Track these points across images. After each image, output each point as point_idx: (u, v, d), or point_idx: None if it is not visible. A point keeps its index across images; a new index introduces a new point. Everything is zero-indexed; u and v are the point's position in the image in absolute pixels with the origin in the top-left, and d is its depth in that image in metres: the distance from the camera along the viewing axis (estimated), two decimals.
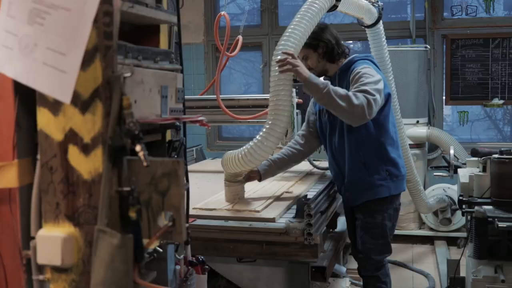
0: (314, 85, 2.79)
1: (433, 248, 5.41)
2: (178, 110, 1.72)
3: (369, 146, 3.05)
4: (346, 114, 2.82)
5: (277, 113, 2.80)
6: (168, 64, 1.71)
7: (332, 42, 3.09)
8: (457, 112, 6.22)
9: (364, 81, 2.87)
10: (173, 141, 1.83)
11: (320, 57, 3.11)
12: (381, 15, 3.62)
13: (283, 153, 3.30)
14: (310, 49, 3.09)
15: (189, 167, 4.47)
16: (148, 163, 1.10)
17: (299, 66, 2.76)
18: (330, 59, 3.13)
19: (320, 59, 3.11)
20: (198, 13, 6.67)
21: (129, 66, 1.24)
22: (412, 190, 4.33)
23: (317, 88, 2.78)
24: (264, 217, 2.77)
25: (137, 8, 1.56)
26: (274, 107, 2.81)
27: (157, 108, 1.58)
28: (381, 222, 3.12)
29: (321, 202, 2.94)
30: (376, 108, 2.84)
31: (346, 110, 2.78)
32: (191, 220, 2.79)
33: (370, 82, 2.86)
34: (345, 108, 2.77)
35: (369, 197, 3.10)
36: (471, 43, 5.86)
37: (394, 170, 3.11)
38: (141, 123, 1.42)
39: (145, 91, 1.51)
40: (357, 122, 2.89)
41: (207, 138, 6.79)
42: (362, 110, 2.77)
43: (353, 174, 3.11)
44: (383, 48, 3.73)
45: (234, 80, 7.47)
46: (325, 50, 3.10)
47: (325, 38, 3.08)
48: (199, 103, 4.71)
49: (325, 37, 3.08)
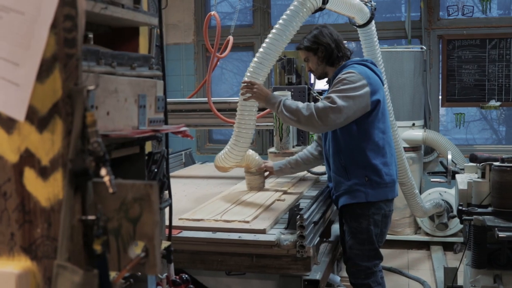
0: (270, 105, 3.02)
1: (429, 253, 5.29)
2: (158, 121, 1.58)
3: (348, 150, 3.04)
4: (300, 126, 3.07)
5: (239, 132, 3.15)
6: (147, 70, 1.57)
7: (331, 45, 3.09)
8: (453, 114, 6.09)
9: (338, 87, 2.93)
10: (154, 153, 1.69)
11: (320, 61, 3.14)
12: (373, 15, 3.51)
13: (299, 156, 3.49)
14: (310, 52, 3.14)
15: (177, 172, 4.45)
16: (114, 189, 0.96)
17: (256, 93, 2.98)
18: (330, 63, 3.14)
19: (320, 62, 3.14)
20: (188, 12, 6.52)
21: (95, 75, 1.09)
22: (407, 194, 4.22)
23: (273, 107, 3.01)
24: (254, 229, 2.65)
25: (112, 10, 1.42)
26: (237, 127, 3.17)
27: (133, 119, 1.44)
28: (366, 227, 3.05)
29: (314, 212, 2.81)
30: (338, 115, 2.86)
31: (298, 123, 2.96)
32: (177, 232, 2.66)
33: (343, 89, 2.91)
34: (296, 122, 2.95)
35: (346, 200, 3.08)
36: (468, 44, 5.76)
37: (375, 177, 3.03)
38: (114, 138, 1.28)
39: (120, 101, 1.37)
40: (315, 131, 3.19)
41: (197, 141, 6.64)
42: (311, 120, 2.87)
43: (335, 177, 3.14)
44: (375, 48, 3.62)
45: (226, 80, 7.33)
46: (324, 54, 3.11)
47: (324, 42, 3.10)
48: (188, 106, 4.60)
49: (324, 41, 3.10)
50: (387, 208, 3.10)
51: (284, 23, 3.02)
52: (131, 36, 1.70)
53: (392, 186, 3.12)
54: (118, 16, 1.45)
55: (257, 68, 3.05)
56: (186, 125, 4.54)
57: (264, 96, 2.99)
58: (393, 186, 3.13)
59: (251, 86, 2.99)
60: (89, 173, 0.95)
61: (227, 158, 3.20)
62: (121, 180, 1.01)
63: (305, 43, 3.14)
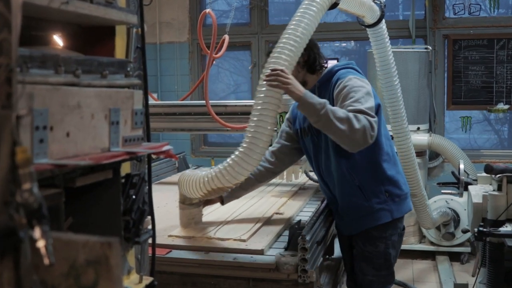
0: (309, 105, 2.40)
1: (434, 264, 5.04)
2: (135, 139, 1.32)
3: (362, 167, 2.67)
4: (346, 139, 2.43)
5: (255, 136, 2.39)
6: (122, 79, 1.31)
7: (314, 51, 2.74)
8: (455, 116, 5.84)
9: (355, 97, 2.50)
10: (132, 176, 1.43)
11: (300, 67, 2.71)
12: (383, 13, 3.24)
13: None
14: None
15: (169, 179, 4.18)
16: (52, 260, 0.70)
17: (291, 83, 2.37)
18: (311, 70, 2.76)
19: (300, 69, 2.72)
20: (182, 10, 6.26)
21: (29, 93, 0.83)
22: (418, 206, 3.98)
23: (313, 108, 2.39)
24: (251, 249, 2.40)
25: (76, 5, 1.16)
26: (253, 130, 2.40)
27: (103, 139, 1.18)
28: (384, 251, 2.74)
29: (317, 229, 2.56)
30: (376, 131, 2.46)
31: (347, 135, 2.39)
32: (166, 252, 2.41)
33: (360, 98, 2.49)
34: (345, 133, 2.39)
35: (368, 224, 2.72)
36: (475, 44, 5.51)
37: (395, 190, 2.73)
38: (72, 168, 1.02)
39: (84, 118, 1.11)
40: (357, 148, 2.49)
41: (192, 143, 6.38)
42: (364, 134, 2.39)
43: (347, 200, 2.75)
44: (386, 49, 3.35)
45: (222, 80, 7.09)
46: (306, 59, 2.73)
47: (307, 47, 2.64)
48: (182, 109, 4.34)
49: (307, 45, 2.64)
50: (401, 226, 2.83)
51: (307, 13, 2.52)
52: (106, 37, 1.44)
53: (409, 196, 2.88)
54: (85, 13, 1.19)
55: (287, 55, 2.43)
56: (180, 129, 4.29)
57: (300, 91, 2.41)
58: (409, 196, 2.88)
59: (282, 75, 2.37)
60: (18, 233, 0.69)
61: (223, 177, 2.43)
62: (70, 235, 0.76)
63: None
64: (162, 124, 4.39)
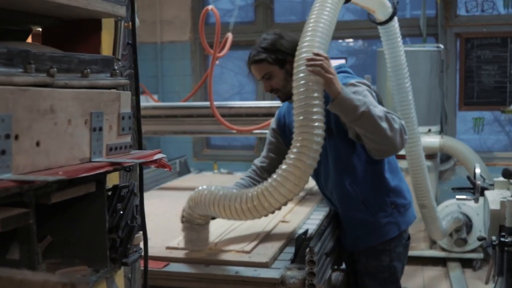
0: (348, 101, 2.10)
1: (446, 271, 4.86)
2: (122, 146, 1.16)
3: (365, 180, 2.46)
4: (386, 140, 2.17)
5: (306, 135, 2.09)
6: (106, 78, 1.15)
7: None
8: (471, 118, 5.66)
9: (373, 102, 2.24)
10: (120, 188, 1.27)
11: (289, 75, 2.32)
12: (396, 9, 3.07)
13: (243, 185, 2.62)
14: (275, 66, 2.41)
15: (169, 184, 4.02)
16: None
17: (334, 75, 2.11)
18: None
19: (289, 77, 2.31)
20: (184, 8, 6.12)
21: None
22: (428, 217, 3.82)
23: (352, 105, 2.10)
24: (255, 262, 2.24)
25: None
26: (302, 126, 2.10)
27: (82, 149, 1.02)
28: (389, 265, 2.55)
29: (327, 240, 2.39)
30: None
31: (388, 135, 2.14)
32: (163, 265, 2.25)
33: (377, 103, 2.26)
34: (386, 133, 2.13)
35: (375, 241, 2.52)
36: (488, 43, 5.34)
37: (400, 200, 2.54)
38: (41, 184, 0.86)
39: (59, 125, 0.95)
40: (391, 153, 2.29)
41: (194, 146, 6.22)
42: (401, 136, 2.19)
43: (350, 215, 2.53)
44: (399, 49, 3.19)
45: (226, 80, 6.92)
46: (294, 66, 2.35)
47: (292, 50, 2.34)
48: (184, 111, 4.19)
49: (291, 49, 2.35)
50: (406, 236, 2.64)
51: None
52: (91, 32, 1.28)
53: (413, 203, 2.70)
54: (62, 3, 1.03)
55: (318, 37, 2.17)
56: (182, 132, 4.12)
57: (340, 85, 2.12)
58: (413, 203, 2.71)
59: (327, 62, 2.10)
60: None
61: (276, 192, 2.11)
62: (25, 273, 0.59)
63: (264, 53, 2.40)
64: (162, 127, 4.25)
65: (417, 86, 4.76)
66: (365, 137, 2.22)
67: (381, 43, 3.36)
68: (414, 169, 3.62)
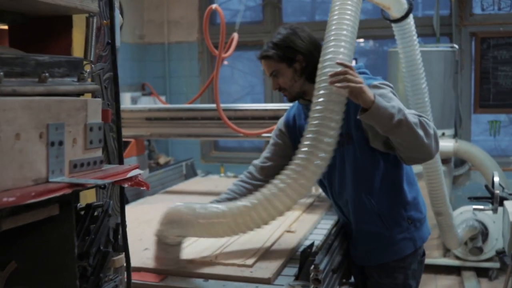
0: (383, 110, 1.94)
1: (460, 280, 4.68)
2: (90, 162, 1.00)
3: (383, 191, 2.30)
4: (422, 148, 2.03)
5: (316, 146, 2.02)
6: (72, 83, 0.99)
7: (315, 55, 2.22)
8: (487, 121, 5.46)
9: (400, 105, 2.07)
10: (94, 207, 1.12)
11: (297, 75, 2.27)
12: (412, 6, 2.91)
13: (234, 191, 2.49)
14: (283, 64, 2.27)
15: (175, 187, 3.89)
16: None
17: (363, 83, 1.96)
18: (311, 78, 2.22)
19: (297, 77, 2.27)
20: (191, 8, 6.01)
21: None
22: (444, 225, 3.65)
23: (387, 114, 1.94)
24: (257, 277, 2.09)
25: None
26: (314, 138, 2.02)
27: (36, 167, 0.87)
28: (403, 283, 2.39)
29: (334, 254, 2.24)
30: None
31: (424, 142, 2.01)
32: (160, 278, 2.11)
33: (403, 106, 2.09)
34: (423, 140, 2.00)
35: (389, 258, 2.37)
36: (505, 43, 5.15)
37: (416, 214, 2.38)
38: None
39: (3, 140, 0.80)
40: (423, 161, 2.19)
41: (201, 148, 6.09)
42: (436, 143, 2.08)
43: (364, 228, 2.38)
44: (414, 48, 3.04)
45: (236, 81, 6.78)
46: (304, 65, 2.27)
47: (303, 48, 2.24)
48: (189, 113, 4.07)
49: (303, 47, 2.25)
50: (421, 252, 2.48)
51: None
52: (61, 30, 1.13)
53: (427, 216, 2.53)
54: None
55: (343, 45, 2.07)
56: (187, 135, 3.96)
57: (372, 94, 1.96)
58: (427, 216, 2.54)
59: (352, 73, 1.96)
60: None
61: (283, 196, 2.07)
62: None
63: (273, 50, 2.27)
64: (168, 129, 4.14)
65: (430, 88, 4.56)
66: (401, 145, 2.07)
67: (392, 43, 3.21)
68: (430, 174, 3.46)
